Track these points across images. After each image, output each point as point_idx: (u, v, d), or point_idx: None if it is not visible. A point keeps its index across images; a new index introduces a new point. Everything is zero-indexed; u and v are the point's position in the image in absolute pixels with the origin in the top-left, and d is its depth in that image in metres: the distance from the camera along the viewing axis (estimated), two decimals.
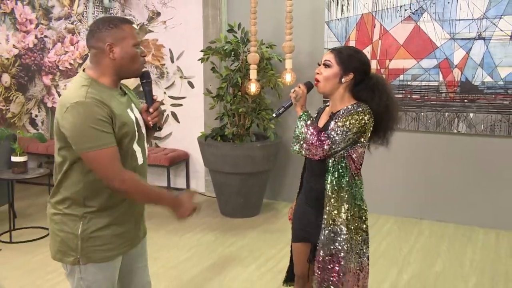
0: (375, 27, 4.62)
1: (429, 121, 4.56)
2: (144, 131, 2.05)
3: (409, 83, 4.57)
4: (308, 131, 2.10)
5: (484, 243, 4.17)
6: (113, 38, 1.89)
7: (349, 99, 2.19)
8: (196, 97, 5.36)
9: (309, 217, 2.27)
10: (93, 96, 1.82)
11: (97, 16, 5.72)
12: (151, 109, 2.06)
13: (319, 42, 4.82)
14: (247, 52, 4.55)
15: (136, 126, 1.97)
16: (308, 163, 2.29)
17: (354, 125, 2.08)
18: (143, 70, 2.04)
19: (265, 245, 4.12)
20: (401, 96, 4.58)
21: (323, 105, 2.38)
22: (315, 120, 2.25)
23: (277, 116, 2.26)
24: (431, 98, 4.52)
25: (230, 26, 4.79)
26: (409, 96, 4.59)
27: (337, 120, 2.12)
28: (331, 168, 2.15)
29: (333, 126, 2.11)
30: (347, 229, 2.15)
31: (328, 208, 2.16)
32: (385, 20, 4.59)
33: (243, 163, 4.58)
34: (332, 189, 2.15)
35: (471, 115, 4.42)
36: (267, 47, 4.75)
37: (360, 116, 2.10)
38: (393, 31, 4.57)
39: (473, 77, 4.37)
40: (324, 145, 2.07)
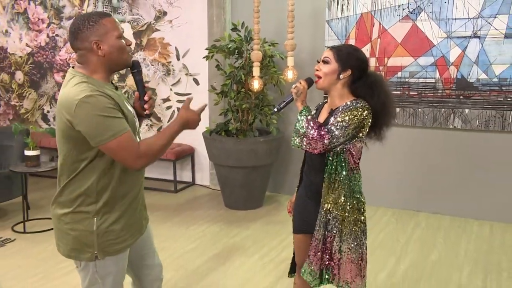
0: (374, 26, 4.61)
1: (426, 117, 4.55)
2: (138, 123, 2.03)
3: (407, 80, 4.56)
4: (308, 126, 2.10)
5: (478, 234, 4.17)
6: (97, 35, 1.84)
7: (348, 95, 2.19)
8: (201, 93, 5.36)
9: (309, 210, 2.27)
10: (95, 89, 1.80)
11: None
12: (146, 97, 2.03)
13: (320, 40, 4.81)
14: (250, 50, 4.55)
15: (135, 117, 1.97)
16: (308, 157, 2.29)
17: (353, 120, 2.08)
18: (132, 59, 2.00)
19: (267, 236, 4.13)
20: (399, 92, 4.57)
21: (322, 102, 2.37)
22: (314, 116, 2.25)
23: (278, 110, 2.25)
24: (428, 94, 4.51)
25: (234, 25, 4.79)
26: (407, 92, 4.58)
27: (337, 115, 2.11)
28: (330, 162, 2.15)
29: (333, 121, 2.11)
30: (345, 221, 2.16)
31: (327, 199, 2.16)
32: (383, 19, 4.57)
33: (246, 157, 4.58)
34: (331, 182, 2.15)
35: (467, 111, 4.40)
36: (269, 45, 4.74)
37: (359, 112, 2.10)
38: (392, 30, 4.55)
39: (469, 74, 4.35)
40: (324, 140, 2.07)
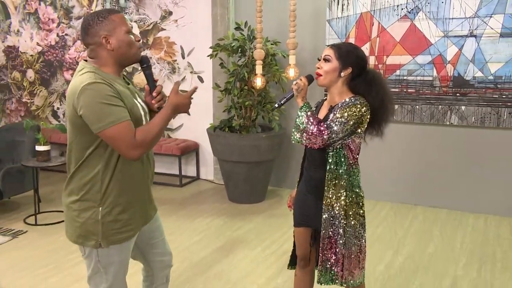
0: (373, 25, 4.59)
1: (424, 114, 4.53)
2: (148, 118, 2.02)
3: (405, 78, 4.54)
4: (308, 121, 2.09)
5: (473, 227, 4.17)
6: (106, 30, 1.85)
7: (347, 92, 2.18)
8: (205, 91, 5.36)
9: (309, 204, 2.27)
10: (100, 77, 1.81)
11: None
12: (154, 93, 2.02)
13: (321, 39, 4.79)
14: (253, 48, 4.54)
15: (142, 111, 1.95)
16: (308, 153, 2.29)
17: (352, 116, 2.08)
18: (142, 55, 1.99)
19: (270, 229, 4.14)
20: (398, 90, 4.56)
21: (321, 99, 2.36)
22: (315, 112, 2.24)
23: (279, 106, 2.24)
24: (426, 92, 4.50)
25: (237, 24, 4.77)
26: (405, 90, 4.56)
27: (336, 112, 2.11)
28: (330, 157, 2.14)
29: (332, 117, 2.10)
30: (345, 214, 2.16)
31: (327, 194, 2.16)
32: (382, 18, 4.55)
33: (249, 153, 4.58)
34: (331, 177, 2.15)
35: (463, 108, 4.39)
36: (272, 44, 4.73)
37: (357, 108, 2.09)
38: (390, 29, 4.53)
39: (465, 72, 4.33)
40: (323, 135, 2.07)
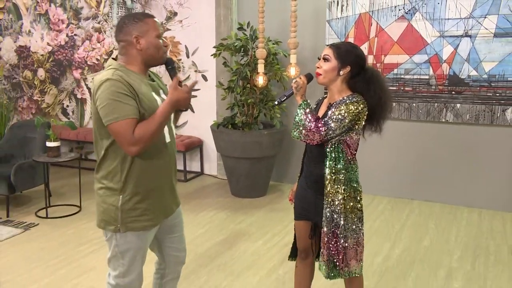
0: (371, 25, 4.57)
1: (420, 111, 4.52)
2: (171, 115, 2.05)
3: (402, 77, 4.53)
4: (306, 118, 2.09)
5: (468, 220, 4.17)
6: (139, 31, 1.92)
7: (346, 90, 2.17)
8: (209, 89, 5.36)
9: (309, 198, 2.27)
10: (119, 75, 1.86)
11: (120, 16, 5.71)
12: None
13: (321, 39, 4.78)
14: (255, 48, 4.53)
15: None
16: (308, 149, 2.29)
17: (349, 114, 2.07)
18: (167, 58, 2.04)
19: (271, 222, 4.14)
20: (395, 88, 4.55)
21: (322, 97, 2.36)
22: (314, 110, 2.24)
23: (279, 103, 2.24)
24: (422, 90, 4.48)
25: (240, 24, 4.76)
26: (402, 88, 4.55)
27: (334, 109, 2.11)
28: (328, 153, 2.14)
29: (330, 114, 2.10)
30: (344, 208, 2.16)
31: (327, 189, 2.16)
32: (381, 19, 4.53)
33: (251, 149, 4.58)
34: (330, 172, 2.15)
35: (458, 105, 4.38)
36: (273, 44, 4.72)
37: (354, 106, 2.09)
38: (388, 29, 4.52)
39: (460, 71, 4.32)
40: (320, 131, 2.07)
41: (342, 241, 2.17)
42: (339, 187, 2.15)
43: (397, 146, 4.66)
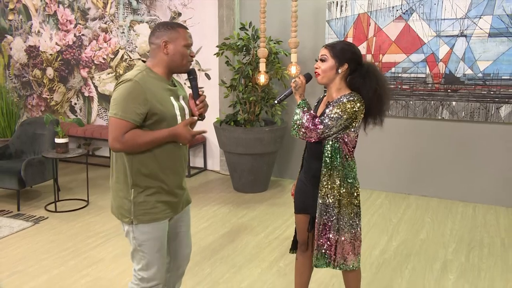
0: (370, 25, 4.57)
1: (417, 109, 4.52)
2: (187, 117, 2.09)
3: (400, 75, 4.53)
4: (304, 117, 2.11)
5: (463, 214, 4.17)
6: (168, 37, 1.99)
7: (344, 89, 2.18)
8: (212, 87, 5.37)
9: (308, 192, 2.28)
10: (141, 78, 1.93)
11: (126, 16, 5.72)
12: (198, 102, 2.11)
13: (321, 38, 4.78)
14: (257, 47, 4.53)
15: (178, 111, 2.02)
16: (308, 145, 2.30)
17: (345, 112, 2.08)
18: (190, 68, 2.09)
19: (272, 216, 4.15)
20: (393, 86, 4.55)
21: (322, 96, 2.37)
22: (314, 108, 2.25)
23: (279, 102, 2.27)
24: (419, 88, 4.48)
25: (242, 24, 4.77)
26: (400, 86, 4.55)
27: (331, 107, 2.11)
28: (326, 150, 2.16)
29: (327, 113, 2.11)
30: (339, 204, 2.17)
31: (323, 184, 2.17)
32: (379, 19, 4.53)
33: (253, 145, 4.59)
34: (326, 168, 2.16)
35: (454, 103, 4.38)
36: (274, 43, 4.72)
37: (351, 104, 2.09)
38: (386, 29, 4.51)
39: (456, 70, 4.32)
40: (317, 129, 2.08)
41: (333, 233, 2.18)
42: (334, 182, 2.16)
43: (395, 142, 4.67)
